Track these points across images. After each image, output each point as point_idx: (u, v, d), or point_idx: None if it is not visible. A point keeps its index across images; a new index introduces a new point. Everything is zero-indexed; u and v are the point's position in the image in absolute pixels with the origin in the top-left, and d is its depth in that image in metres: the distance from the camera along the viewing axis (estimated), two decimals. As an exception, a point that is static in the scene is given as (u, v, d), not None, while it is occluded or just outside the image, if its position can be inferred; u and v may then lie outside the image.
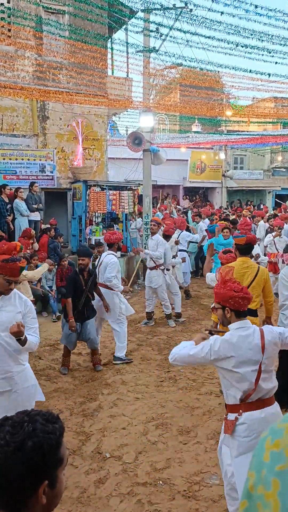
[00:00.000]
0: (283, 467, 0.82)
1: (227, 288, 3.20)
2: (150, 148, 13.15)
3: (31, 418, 1.33)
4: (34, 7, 12.11)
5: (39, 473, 1.28)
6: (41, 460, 1.28)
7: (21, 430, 1.28)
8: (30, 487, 1.27)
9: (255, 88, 12.77)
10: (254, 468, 0.89)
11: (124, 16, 12.31)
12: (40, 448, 1.28)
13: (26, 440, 1.27)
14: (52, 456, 1.31)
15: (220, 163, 25.79)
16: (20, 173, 12.60)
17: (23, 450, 1.26)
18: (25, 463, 1.26)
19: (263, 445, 0.89)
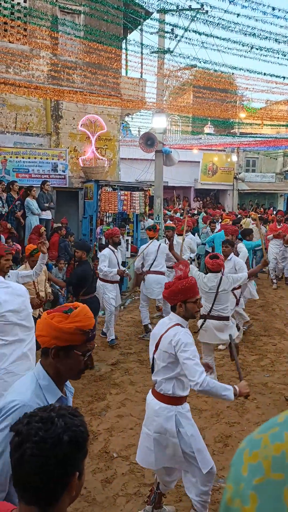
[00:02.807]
0: (260, 480, 0.78)
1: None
2: (163, 149, 13.15)
3: (58, 413, 1.36)
4: (50, 7, 12.17)
5: (73, 466, 1.33)
6: (76, 453, 1.33)
7: (53, 425, 1.31)
8: (64, 481, 1.31)
9: (270, 91, 12.71)
10: (232, 480, 0.84)
11: (139, 17, 12.32)
12: (76, 442, 1.33)
13: (62, 434, 1.31)
14: (84, 448, 1.37)
15: (232, 165, 25.71)
16: (33, 171, 12.66)
17: (61, 444, 1.30)
18: (62, 457, 1.30)
19: (241, 456, 0.84)
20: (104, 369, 6.68)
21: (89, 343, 1.99)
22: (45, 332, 1.94)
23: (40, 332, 1.97)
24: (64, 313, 1.96)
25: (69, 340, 1.92)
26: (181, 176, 23.36)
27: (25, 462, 1.28)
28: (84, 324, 1.95)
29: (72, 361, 1.96)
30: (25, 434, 1.30)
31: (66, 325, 1.92)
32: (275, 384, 6.17)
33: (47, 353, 1.96)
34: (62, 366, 1.95)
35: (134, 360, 7.06)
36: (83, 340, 1.95)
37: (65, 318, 1.94)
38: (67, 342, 1.92)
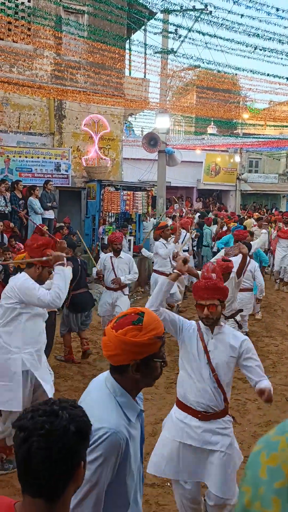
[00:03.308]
0: (282, 484, 0.78)
1: (222, 281, 3.32)
2: (165, 150, 13.17)
3: (60, 406, 1.37)
4: (54, 7, 12.19)
5: (79, 456, 1.36)
6: (81, 443, 1.36)
7: (58, 418, 1.33)
8: (71, 471, 1.33)
9: (273, 92, 12.71)
10: (249, 483, 0.84)
11: (143, 17, 12.33)
12: (81, 432, 1.35)
13: (67, 426, 1.32)
14: (88, 438, 1.40)
15: (234, 166, 25.69)
16: (36, 171, 12.68)
17: (67, 435, 1.32)
18: (69, 448, 1.32)
19: (257, 459, 0.85)
20: (106, 368, 6.65)
21: (163, 346, 1.89)
22: (120, 351, 1.81)
23: (113, 352, 1.83)
24: (134, 325, 1.82)
25: (147, 351, 1.82)
26: (184, 177, 23.35)
27: (32, 456, 1.29)
28: (159, 330, 1.85)
29: (152, 371, 1.86)
30: (31, 428, 1.31)
31: (143, 337, 1.79)
32: (277, 385, 6.16)
33: (122, 370, 1.85)
34: (141, 378, 1.85)
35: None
36: (160, 346, 1.86)
37: (139, 330, 1.80)
38: (146, 354, 1.82)
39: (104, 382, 1.92)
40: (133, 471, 1.86)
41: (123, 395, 1.85)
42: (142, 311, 1.89)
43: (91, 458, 1.69)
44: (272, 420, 5.18)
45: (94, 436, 1.71)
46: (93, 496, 1.72)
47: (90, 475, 1.70)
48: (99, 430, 1.72)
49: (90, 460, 1.69)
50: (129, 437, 1.79)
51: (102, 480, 1.72)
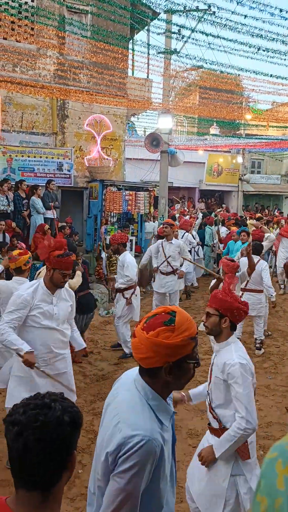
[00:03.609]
0: None
1: (234, 297, 3.03)
2: (168, 150, 13.16)
3: (50, 398, 1.40)
4: (57, 7, 12.20)
5: (73, 445, 1.39)
6: (75, 433, 1.39)
7: (50, 410, 1.35)
8: (66, 461, 1.35)
9: (276, 92, 12.67)
10: (265, 493, 0.81)
11: (146, 17, 12.33)
12: (74, 421, 1.38)
13: (61, 416, 1.34)
14: (80, 427, 1.42)
15: (237, 166, 25.66)
16: (38, 170, 12.69)
17: (62, 425, 1.34)
18: (65, 438, 1.34)
19: (273, 467, 0.81)
20: (106, 368, 6.69)
21: (196, 346, 1.80)
22: (152, 353, 1.72)
23: (145, 354, 1.74)
24: (166, 326, 1.73)
25: (180, 353, 1.73)
26: (186, 177, 23.34)
27: (29, 450, 1.29)
28: (192, 330, 1.76)
29: (185, 372, 1.79)
30: (25, 422, 1.31)
31: (176, 339, 1.71)
32: (278, 386, 6.16)
33: (154, 373, 1.77)
34: (174, 380, 1.78)
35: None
36: (193, 347, 1.78)
37: (171, 331, 1.72)
38: (179, 356, 1.73)
39: (133, 384, 1.84)
40: (166, 474, 1.81)
41: (155, 398, 1.77)
42: (173, 310, 1.80)
43: (125, 466, 1.64)
44: (273, 421, 5.17)
45: (129, 444, 1.65)
46: (128, 506, 1.66)
47: (125, 484, 1.65)
48: (133, 438, 1.65)
49: (125, 469, 1.65)
50: (163, 442, 1.73)
51: (138, 489, 1.67)
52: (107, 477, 1.73)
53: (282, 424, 5.10)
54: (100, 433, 1.88)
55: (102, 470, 1.76)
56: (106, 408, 1.94)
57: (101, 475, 1.77)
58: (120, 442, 1.67)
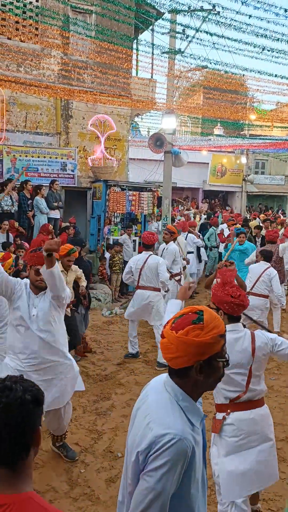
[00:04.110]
0: None
1: (225, 291, 3.18)
2: (172, 150, 13.14)
3: (11, 381, 1.47)
4: (62, 6, 12.21)
5: (37, 421, 1.46)
6: (38, 410, 1.45)
7: (12, 391, 1.42)
8: (32, 436, 1.42)
9: (280, 93, 12.63)
10: None
11: (151, 17, 12.32)
12: (37, 399, 1.45)
13: (23, 395, 1.42)
14: (42, 404, 1.49)
15: (241, 167, 25.63)
16: (42, 170, 12.71)
17: (25, 404, 1.42)
18: (28, 416, 1.42)
19: None
20: (109, 369, 6.68)
21: (225, 345, 1.79)
22: (182, 352, 1.72)
23: (175, 354, 1.73)
24: (196, 324, 1.73)
25: (210, 351, 1.73)
26: (190, 177, 23.32)
27: None
28: (220, 327, 1.76)
29: (215, 371, 1.78)
30: None
31: (206, 336, 1.71)
32: (281, 387, 6.13)
33: (184, 373, 1.76)
34: (205, 380, 1.77)
35: (140, 361, 7.05)
36: (222, 345, 1.77)
37: (201, 330, 1.72)
38: (209, 354, 1.73)
39: (163, 385, 1.83)
40: (197, 479, 1.78)
41: (186, 399, 1.77)
42: (200, 309, 1.80)
43: (156, 464, 1.63)
44: (276, 422, 5.13)
45: (160, 442, 1.64)
46: (157, 506, 1.63)
47: (154, 482, 1.62)
48: (164, 436, 1.64)
49: (155, 467, 1.63)
50: (195, 444, 1.71)
51: (167, 489, 1.64)
52: (137, 479, 1.71)
53: (285, 425, 5.08)
54: (130, 435, 1.87)
55: (132, 472, 1.75)
56: (136, 412, 1.94)
57: (131, 478, 1.76)
58: (151, 441, 1.66)
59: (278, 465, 3.25)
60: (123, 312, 10.03)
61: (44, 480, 3.97)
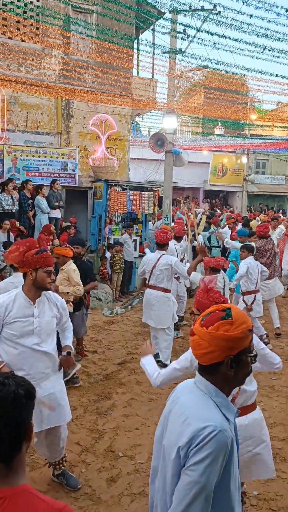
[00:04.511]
0: None
1: (209, 298, 3.18)
2: (172, 150, 13.14)
3: (3, 376, 1.49)
4: (62, 6, 12.21)
5: (30, 415, 1.47)
6: (30, 404, 1.47)
7: (5, 386, 1.44)
8: (25, 431, 1.45)
9: (281, 93, 12.62)
10: None
11: (151, 16, 12.32)
12: (30, 393, 1.47)
13: (17, 390, 1.44)
14: (34, 398, 1.50)
15: (241, 167, 25.63)
16: (43, 170, 12.71)
17: (19, 399, 1.43)
18: (22, 410, 1.43)
19: None
20: (110, 368, 6.68)
21: (252, 340, 1.84)
22: (214, 347, 1.76)
23: (207, 349, 1.78)
24: (225, 320, 1.79)
25: (240, 345, 1.78)
26: (191, 177, 23.33)
27: None
28: (248, 322, 1.82)
29: (244, 366, 1.83)
30: None
31: (236, 331, 1.77)
32: (282, 387, 6.13)
33: (214, 369, 1.80)
34: (235, 376, 1.81)
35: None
36: (250, 340, 1.82)
37: (230, 325, 1.78)
38: (239, 348, 1.78)
39: (194, 385, 1.87)
40: (236, 474, 1.78)
41: (219, 395, 1.80)
42: (227, 307, 1.86)
43: (198, 458, 1.63)
44: (277, 422, 5.15)
45: (200, 436, 1.65)
46: (201, 500, 1.62)
47: (198, 476, 1.62)
48: (204, 429, 1.65)
49: (197, 460, 1.63)
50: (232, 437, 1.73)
51: (211, 481, 1.63)
52: (178, 476, 1.71)
53: (285, 425, 5.08)
54: (166, 437, 1.87)
55: (173, 470, 1.74)
56: (167, 414, 1.95)
57: (171, 477, 1.74)
58: (192, 435, 1.67)
59: (278, 466, 3.25)
60: (124, 311, 10.06)
61: (44, 480, 3.98)
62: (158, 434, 2.00)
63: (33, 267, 3.44)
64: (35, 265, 3.44)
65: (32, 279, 3.44)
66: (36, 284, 3.47)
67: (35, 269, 3.44)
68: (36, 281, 3.45)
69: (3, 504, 1.37)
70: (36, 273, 3.44)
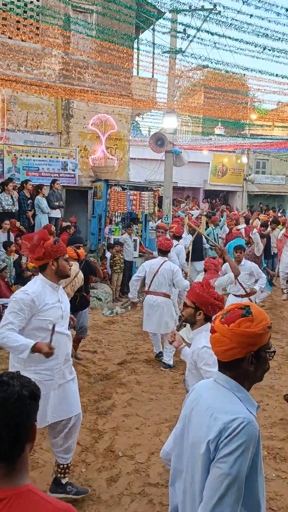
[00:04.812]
0: None
1: (210, 293, 3.26)
2: (173, 150, 13.14)
3: (8, 376, 1.48)
4: (62, 6, 12.21)
5: (34, 416, 1.47)
6: (34, 405, 1.47)
7: (9, 386, 1.43)
8: (28, 432, 1.44)
9: (281, 92, 12.63)
10: None
11: (152, 16, 12.32)
12: (34, 395, 1.47)
13: (21, 390, 1.43)
14: (39, 399, 1.50)
15: (242, 167, 25.63)
16: (43, 170, 12.71)
17: (23, 399, 1.42)
18: (25, 411, 1.43)
19: None
20: (110, 368, 6.68)
21: (270, 337, 1.88)
22: (235, 344, 1.80)
23: (228, 346, 1.82)
24: (245, 317, 1.83)
25: (260, 342, 1.82)
26: (191, 177, 23.32)
27: None
28: (267, 319, 1.85)
29: (263, 363, 1.86)
30: None
31: (257, 327, 1.81)
32: (282, 387, 6.13)
33: (235, 365, 1.84)
34: (255, 372, 1.85)
35: (141, 360, 7.05)
36: (269, 337, 1.86)
37: (251, 321, 1.82)
38: (259, 345, 1.82)
39: (214, 382, 1.90)
40: (262, 467, 1.79)
41: (241, 390, 1.83)
42: (246, 305, 1.90)
43: (229, 450, 1.64)
44: (277, 422, 5.14)
45: (230, 428, 1.67)
46: (234, 492, 1.63)
47: (229, 467, 1.63)
48: (233, 422, 1.68)
49: (228, 452, 1.65)
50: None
51: (242, 473, 1.64)
52: (208, 472, 1.71)
53: (286, 425, 5.07)
54: (192, 434, 1.87)
55: (202, 466, 1.74)
56: (189, 414, 1.94)
57: (201, 473, 1.74)
58: (221, 428, 1.69)
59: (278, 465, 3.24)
60: (124, 311, 10.05)
61: (45, 480, 3.97)
62: (178, 436, 2.00)
63: (53, 257, 3.55)
64: (55, 254, 3.55)
65: (55, 268, 3.56)
66: (59, 273, 3.58)
67: (56, 259, 3.56)
68: (59, 269, 3.57)
69: (6, 504, 1.37)
70: (58, 262, 3.56)
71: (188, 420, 1.94)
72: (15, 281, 8.94)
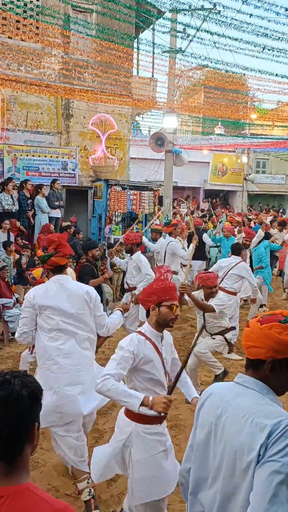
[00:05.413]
0: None
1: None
2: (173, 149, 13.13)
3: (12, 375, 1.48)
4: (62, 5, 12.21)
5: (34, 418, 1.47)
6: (35, 406, 1.47)
7: (10, 385, 1.43)
8: (28, 432, 1.44)
9: (281, 92, 12.63)
10: None
11: (151, 16, 12.32)
12: (34, 395, 1.47)
13: (21, 390, 1.44)
14: (40, 401, 1.50)
15: (242, 166, 25.62)
16: (43, 169, 12.71)
17: (22, 400, 1.43)
18: (24, 411, 1.43)
19: None
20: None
21: None
22: (261, 344, 1.79)
23: (254, 343, 1.81)
24: (281, 323, 1.79)
25: (286, 352, 1.76)
26: (191, 177, 23.31)
27: None
28: None
29: (285, 375, 1.80)
30: None
31: (287, 336, 1.76)
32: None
33: (257, 364, 1.82)
34: (273, 380, 1.79)
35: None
36: None
37: (284, 329, 1.77)
38: (285, 355, 1.77)
39: (241, 386, 1.85)
40: None
41: (269, 392, 1.80)
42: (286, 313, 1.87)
43: (276, 449, 1.62)
44: None
45: (278, 429, 1.64)
46: (285, 490, 1.59)
47: (279, 466, 1.60)
48: (280, 423, 1.65)
49: (275, 452, 1.62)
50: None
51: None
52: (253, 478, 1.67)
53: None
54: (230, 440, 1.79)
55: (251, 475, 1.68)
56: (216, 421, 1.87)
57: (249, 481, 1.68)
58: (270, 430, 1.66)
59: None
60: (124, 311, 10.04)
61: (45, 479, 3.97)
62: (201, 444, 1.91)
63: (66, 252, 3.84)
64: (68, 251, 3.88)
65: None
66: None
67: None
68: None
69: (5, 502, 1.37)
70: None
71: (216, 427, 1.86)
72: (15, 281, 8.94)
